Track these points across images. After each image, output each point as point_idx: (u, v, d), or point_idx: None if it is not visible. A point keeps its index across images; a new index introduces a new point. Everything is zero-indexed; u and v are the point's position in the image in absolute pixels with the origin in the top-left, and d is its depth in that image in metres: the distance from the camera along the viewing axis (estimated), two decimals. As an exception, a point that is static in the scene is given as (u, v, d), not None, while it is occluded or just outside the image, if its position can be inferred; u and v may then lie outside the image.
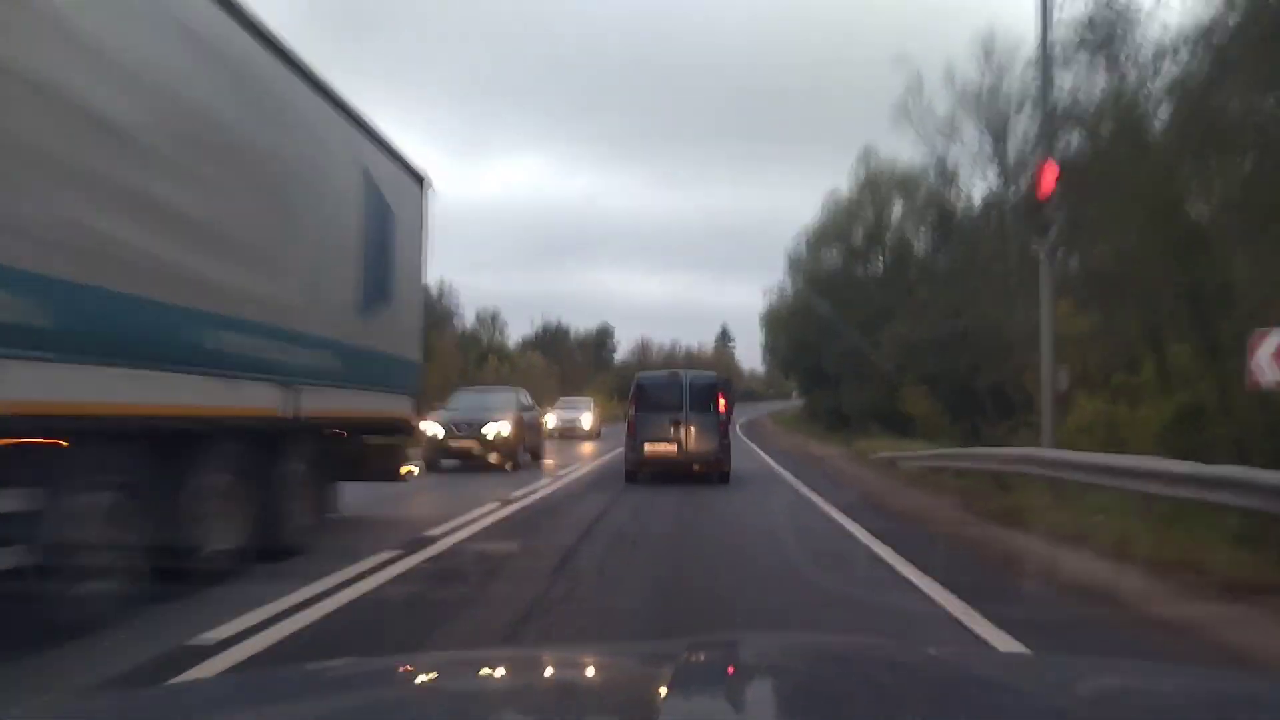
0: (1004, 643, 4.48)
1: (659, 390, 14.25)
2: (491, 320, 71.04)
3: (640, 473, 13.80)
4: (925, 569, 6.31)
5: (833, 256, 38.76)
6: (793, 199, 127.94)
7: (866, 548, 7.62)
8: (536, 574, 6.27)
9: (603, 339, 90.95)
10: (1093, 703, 1.51)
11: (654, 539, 8.56)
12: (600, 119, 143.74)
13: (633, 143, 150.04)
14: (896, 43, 73.73)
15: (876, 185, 36.20)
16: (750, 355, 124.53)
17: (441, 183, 10.07)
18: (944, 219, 31.96)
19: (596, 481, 14.30)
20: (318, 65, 6.90)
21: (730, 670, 1.69)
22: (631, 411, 14.23)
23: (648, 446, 13.75)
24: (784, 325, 45.71)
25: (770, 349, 55.13)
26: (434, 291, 60.44)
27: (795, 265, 41.25)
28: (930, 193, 32.60)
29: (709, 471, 13.69)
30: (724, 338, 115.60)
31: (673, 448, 13.64)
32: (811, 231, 39.50)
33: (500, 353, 60.89)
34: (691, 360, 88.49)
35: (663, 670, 1.50)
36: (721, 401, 14.02)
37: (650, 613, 5.48)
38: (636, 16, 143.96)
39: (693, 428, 13.65)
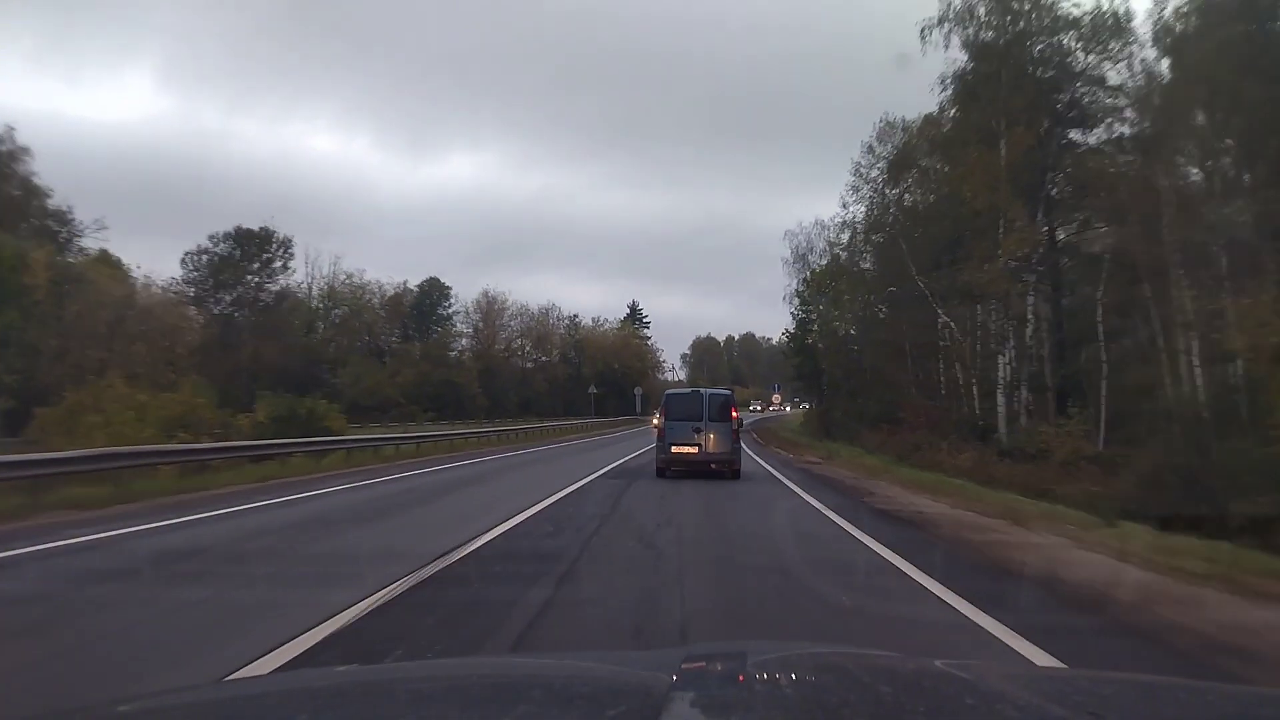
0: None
1: (683, 403, 17.60)
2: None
3: (668, 470, 17.18)
4: None
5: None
6: (731, 214, 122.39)
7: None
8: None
9: (431, 299, 66.27)
10: (1092, 716, 1.49)
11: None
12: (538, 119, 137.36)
13: (572, 146, 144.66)
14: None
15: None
16: (670, 352, 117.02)
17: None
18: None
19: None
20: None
21: (729, 680, 1.72)
22: (661, 420, 17.74)
23: (674, 448, 17.23)
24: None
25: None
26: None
27: None
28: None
29: (722, 469, 17.02)
30: (634, 319, 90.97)
31: (694, 449, 17.07)
32: None
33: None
34: (585, 338, 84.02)
35: (661, 680, 1.54)
36: (734, 413, 17.27)
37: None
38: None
39: (710, 434, 16.98)
